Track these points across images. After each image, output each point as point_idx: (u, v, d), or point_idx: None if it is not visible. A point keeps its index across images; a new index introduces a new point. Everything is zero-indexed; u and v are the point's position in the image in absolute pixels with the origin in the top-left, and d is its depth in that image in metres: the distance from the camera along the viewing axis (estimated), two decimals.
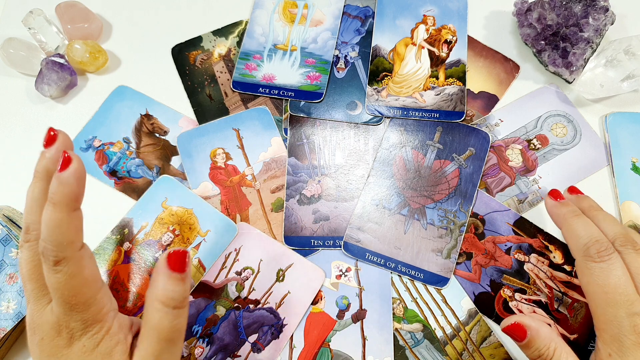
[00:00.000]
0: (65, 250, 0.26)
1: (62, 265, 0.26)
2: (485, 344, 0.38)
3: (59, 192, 0.26)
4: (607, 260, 0.29)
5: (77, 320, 0.27)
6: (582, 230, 0.31)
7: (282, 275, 0.40)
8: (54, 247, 0.26)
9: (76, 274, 0.27)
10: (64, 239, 0.26)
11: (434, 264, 0.40)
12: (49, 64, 0.44)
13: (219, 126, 0.44)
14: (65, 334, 0.28)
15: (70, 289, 0.27)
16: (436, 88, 0.45)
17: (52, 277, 0.27)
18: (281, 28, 0.48)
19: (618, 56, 0.43)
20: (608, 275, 0.29)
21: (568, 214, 0.32)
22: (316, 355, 0.38)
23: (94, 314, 0.28)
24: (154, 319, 0.27)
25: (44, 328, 0.28)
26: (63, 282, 0.26)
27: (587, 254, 0.30)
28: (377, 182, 0.43)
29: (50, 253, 0.26)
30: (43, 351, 0.28)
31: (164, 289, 0.27)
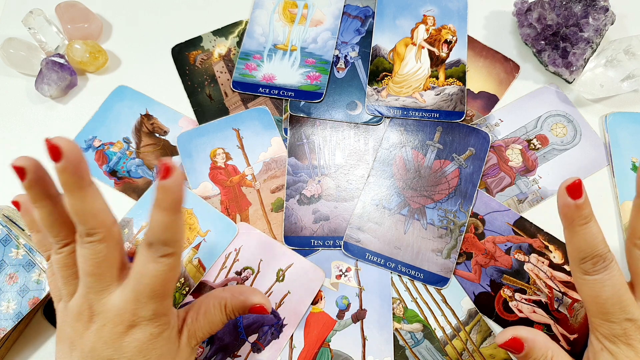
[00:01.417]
0: (174, 247, 0.28)
1: (167, 258, 0.28)
2: (485, 344, 0.38)
3: (166, 200, 0.27)
4: (601, 272, 0.29)
5: (150, 309, 0.29)
6: (584, 242, 0.30)
7: (282, 275, 0.40)
8: (163, 244, 0.28)
9: (174, 267, 0.29)
10: (173, 237, 0.28)
11: (434, 264, 0.40)
12: (49, 64, 0.44)
13: (219, 126, 0.44)
14: (127, 322, 0.28)
15: (164, 279, 0.28)
16: (436, 88, 0.45)
17: (152, 266, 0.28)
18: (281, 28, 0.48)
19: (618, 56, 0.43)
20: (602, 288, 0.29)
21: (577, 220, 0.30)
22: (316, 355, 0.38)
23: (165, 306, 0.29)
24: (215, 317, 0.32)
25: (107, 315, 0.29)
26: (161, 272, 0.28)
27: (582, 267, 0.30)
28: (377, 182, 0.43)
29: (159, 248, 0.28)
30: (101, 338, 0.28)
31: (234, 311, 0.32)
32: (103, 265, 0.29)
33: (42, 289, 0.37)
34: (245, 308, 0.32)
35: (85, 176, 0.28)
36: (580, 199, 0.29)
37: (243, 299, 0.32)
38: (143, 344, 0.29)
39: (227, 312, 0.32)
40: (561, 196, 0.30)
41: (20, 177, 0.28)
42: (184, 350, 0.31)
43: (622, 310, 0.29)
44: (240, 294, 0.32)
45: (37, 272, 0.37)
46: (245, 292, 0.33)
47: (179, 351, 0.31)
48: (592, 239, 0.30)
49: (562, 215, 0.31)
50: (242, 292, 0.33)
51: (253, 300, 0.32)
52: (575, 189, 0.29)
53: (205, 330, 0.32)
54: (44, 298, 0.37)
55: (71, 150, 0.26)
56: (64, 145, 0.26)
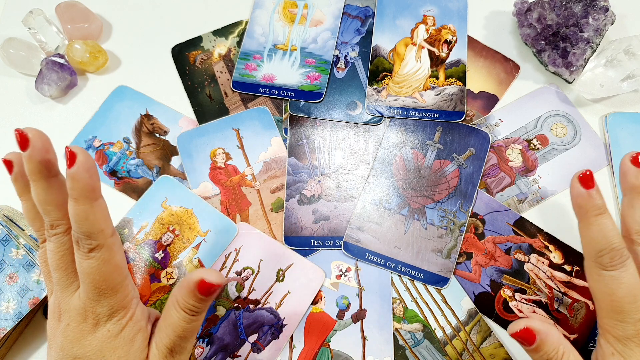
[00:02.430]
0: (98, 238, 0.27)
1: (96, 252, 0.27)
2: (485, 344, 0.38)
3: (76, 188, 0.26)
4: (618, 268, 0.28)
5: (105, 305, 0.28)
6: (599, 234, 0.29)
7: (282, 275, 0.40)
8: (86, 237, 0.27)
9: (108, 259, 0.28)
10: (94, 228, 0.27)
11: (434, 264, 0.40)
12: (49, 64, 0.44)
13: (219, 126, 0.44)
14: (91, 320, 0.28)
15: (101, 274, 0.28)
16: (436, 88, 0.45)
17: (85, 263, 0.28)
18: (281, 28, 0.48)
19: (618, 56, 0.43)
20: (618, 285, 0.28)
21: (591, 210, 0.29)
22: (316, 355, 0.38)
23: (120, 299, 0.29)
24: (172, 318, 0.28)
25: (70, 314, 0.29)
26: (95, 268, 0.27)
27: (599, 261, 0.29)
28: (377, 182, 0.43)
29: (84, 242, 0.27)
30: (67, 337, 0.29)
31: (185, 301, 0.28)
32: (67, 258, 0.29)
33: (42, 289, 0.37)
34: (191, 291, 0.28)
35: (51, 167, 0.28)
36: (592, 189, 0.29)
37: (185, 284, 0.28)
38: (102, 343, 0.28)
39: (181, 306, 0.28)
40: (574, 187, 0.29)
41: (8, 170, 0.30)
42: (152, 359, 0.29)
43: (638, 310, 0.28)
44: (184, 280, 0.29)
45: (37, 272, 0.37)
46: (186, 278, 0.29)
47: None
48: (608, 231, 0.29)
49: (576, 206, 0.30)
50: (183, 280, 0.29)
51: (193, 279, 0.28)
52: (587, 179, 0.29)
53: (169, 333, 0.29)
54: (44, 298, 0.37)
55: (38, 139, 0.27)
56: (32, 134, 0.27)
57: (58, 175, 0.29)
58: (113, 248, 0.28)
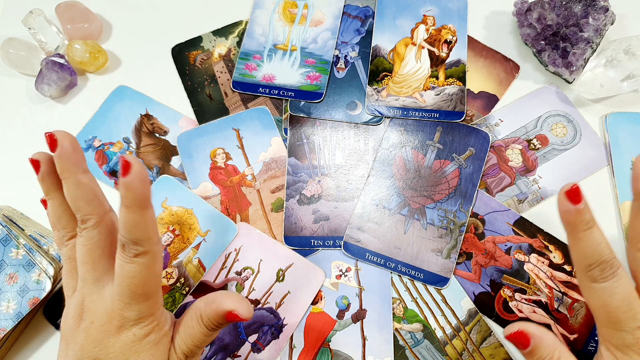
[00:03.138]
0: (145, 245, 0.28)
1: (140, 258, 0.28)
2: (485, 344, 0.38)
3: (129, 197, 0.27)
4: (610, 279, 0.28)
5: (134, 310, 0.28)
6: (589, 248, 0.29)
7: (282, 275, 0.40)
8: (134, 242, 0.27)
9: (150, 266, 0.28)
10: (143, 235, 0.27)
11: (434, 264, 0.40)
12: (49, 64, 0.44)
13: (219, 126, 0.44)
14: (116, 322, 0.28)
15: (141, 279, 0.28)
16: (436, 88, 0.45)
17: (127, 267, 0.28)
18: (281, 28, 0.48)
19: (618, 56, 0.43)
20: (611, 296, 0.28)
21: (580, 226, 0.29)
22: (316, 355, 0.38)
23: (150, 306, 0.29)
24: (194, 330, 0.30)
25: (96, 313, 0.29)
26: (137, 272, 0.28)
27: (590, 274, 0.29)
28: (377, 182, 0.43)
29: (131, 247, 0.28)
30: (89, 336, 0.29)
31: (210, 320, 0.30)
32: (95, 253, 0.29)
33: (42, 289, 0.37)
34: (220, 316, 0.29)
35: (79, 164, 0.29)
36: (580, 204, 0.28)
37: (215, 307, 0.29)
38: (126, 345, 0.28)
39: (205, 323, 0.30)
40: (561, 202, 0.29)
41: (35, 169, 0.30)
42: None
43: (634, 318, 0.28)
44: (213, 301, 0.30)
45: (37, 272, 0.37)
46: (217, 299, 0.30)
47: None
48: (597, 244, 0.29)
49: (565, 222, 0.30)
50: (214, 299, 0.30)
51: (224, 307, 0.29)
52: (575, 194, 0.29)
53: (188, 342, 0.30)
54: (44, 298, 0.37)
55: (65, 138, 0.29)
56: (60, 135, 0.29)
57: (87, 172, 0.30)
58: (157, 256, 0.29)
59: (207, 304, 0.30)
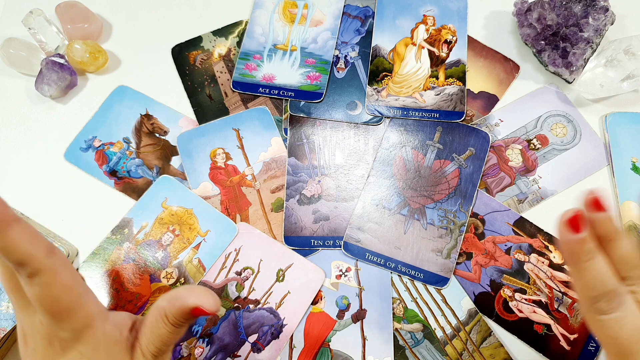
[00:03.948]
0: (31, 263, 0.25)
1: (37, 277, 0.26)
2: (485, 344, 0.38)
3: None
4: (618, 309, 0.27)
5: (66, 329, 0.27)
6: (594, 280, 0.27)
7: (282, 275, 0.40)
8: (18, 265, 0.25)
9: (52, 282, 0.26)
10: (20, 255, 0.25)
11: (434, 264, 0.40)
12: (49, 64, 0.44)
13: (219, 126, 0.44)
14: (57, 345, 0.27)
15: (50, 297, 0.26)
16: (436, 88, 0.45)
17: (30, 290, 0.26)
18: (281, 28, 0.48)
19: (618, 56, 0.43)
20: (621, 328, 0.27)
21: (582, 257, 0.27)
22: (316, 355, 0.38)
23: (82, 320, 0.27)
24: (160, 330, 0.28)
25: (35, 338, 0.28)
26: (41, 294, 0.26)
27: (596, 307, 0.27)
28: (377, 182, 0.43)
29: (20, 271, 0.26)
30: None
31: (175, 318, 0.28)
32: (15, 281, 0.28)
33: None
34: (185, 313, 0.28)
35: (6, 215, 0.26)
36: (582, 233, 0.26)
37: (179, 304, 0.28)
38: None
39: (170, 321, 0.28)
40: (562, 232, 0.27)
41: None
42: None
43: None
44: (176, 299, 0.28)
45: None
46: (180, 295, 0.28)
47: None
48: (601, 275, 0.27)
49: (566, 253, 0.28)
50: (177, 296, 0.28)
51: (188, 302, 0.28)
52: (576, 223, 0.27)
53: (156, 343, 0.28)
54: None
55: None
56: None
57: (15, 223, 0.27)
58: (54, 268, 0.26)
59: (170, 301, 0.28)
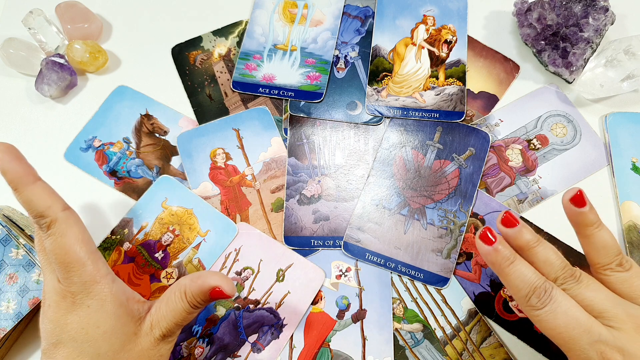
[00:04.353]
0: (49, 214, 0.29)
1: (52, 228, 0.29)
2: (485, 344, 0.38)
3: (9, 180, 0.29)
4: (549, 303, 0.29)
5: (76, 282, 0.29)
6: (518, 280, 0.29)
7: (282, 275, 0.40)
8: (39, 218, 0.29)
9: (65, 232, 0.29)
10: (41, 207, 0.29)
11: (434, 264, 0.40)
12: (49, 64, 0.44)
13: (219, 126, 0.44)
14: (68, 299, 0.29)
15: (62, 246, 0.29)
16: (436, 88, 0.45)
17: (47, 242, 0.29)
18: (281, 28, 0.48)
19: (618, 56, 0.43)
20: (555, 317, 0.28)
21: (503, 263, 0.30)
22: (316, 355, 0.38)
23: (90, 273, 0.29)
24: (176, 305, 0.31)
25: (50, 294, 0.30)
26: (56, 243, 0.29)
27: (529, 304, 0.29)
28: (377, 182, 0.43)
29: (40, 223, 0.29)
30: (47, 317, 0.30)
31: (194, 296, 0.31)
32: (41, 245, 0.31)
33: (42, 289, 0.37)
34: (204, 292, 0.31)
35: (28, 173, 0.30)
36: (495, 244, 0.30)
37: (200, 282, 0.31)
38: (83, 320, 0.29)
39: (188, 299, 0.31)
40: (479, 247, 0.31)
41: None
42: (143, 338, 0.30)
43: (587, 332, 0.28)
44: (198, 277, 0.31)
45: (37, 272, 0.37)
46: (203, 275, 0.31)
47: (135, 337, 0.30)
48: (524, 275, 0.29)
49: (490, 264, 0.31)
50: (200, 276, 0.31)
51: (210, 282, 0.30)
52: (579, 200, 0.30)
53: (169, 319, 0.31)
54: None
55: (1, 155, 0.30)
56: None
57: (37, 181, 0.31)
58: (68, 221, 0.30)
59: (192, 280, 0.31)
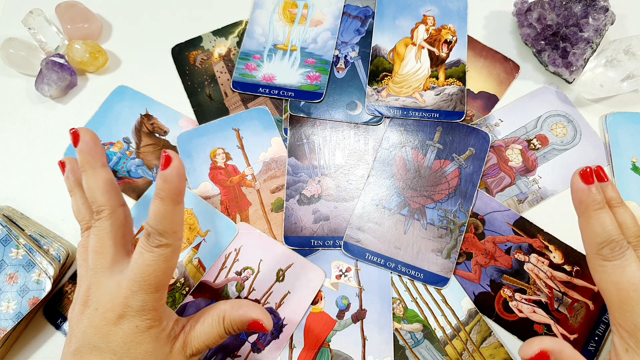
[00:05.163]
0: (169, 237, 0.29)
1: (162, 249, 0.29)
2: (485, 344, 0.38)
3: (165, 189, 0.28)
4: (620, 257, 0.29)
5: (139, 300, 0.29)
6: (599, 227, 0.30)
7: (282, 275, 0.40)
8: (159, 233, 0.29)
9: (169, 259, 0.29)
10: (170, 228, 0.29)
11: (434, 264, 0.40)
12: (49, 64, 0.44)
13: (219, 126, 0.44)
14: (118, 309, 0.29)
15: (156, 269, 0.29)
16: (436, 88, 0.45)
17: (147, 254, 0.29)
18: (281, 28, 0.48)
19: (618, 56, 0.43)
20: (622, 273, 0.29)
21: (591, 205, 0.30)
22: (316, 355, 0.38)
23: (156, 299, 0.29)
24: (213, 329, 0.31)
25: (101, 299, 0.29)
26: (154, 262, 0.29)
27: (600, 252, 0.29)
28: (377, 182, 0.43)
29: (155, 237, 0.29)
30: (92, 322, 0.29)
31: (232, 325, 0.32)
32: (106, 242, 0.30)
33: (42, 289, 0.37)
34: (243, 322, 0.31)
35: (99, 158, 0.32)
36: (593, 184, 0.30)
37: (242, 312, 0.31)
38: (128, 336, 0.29)
39: (225, 325, 0.31)
40: (575, 182, 0.31)
41: (62, 170, 0.35)
42: (176, 356, 0.30)
43: None
44: (240, 307, 0.32)
45: (37, 272, 0.37)
46: (244, 305, 0.32)
47: (169, 356, 0.30)
48: (608, 224, 0.29)
49: (576, 201, 0.31)
50: (241, 305, 0.32)
51: (251, 314, 0.31)
52: (588, 175, 0.31)
53: (202, 339, 0.31)
54: (44, 298, 0.37)
55: (86, 134, 0.32)
56: (82, 131, 0.32)
57: (105, 167, 0.32)
58: (176, 251, 0.30)
59: (232, 307, 0.31)
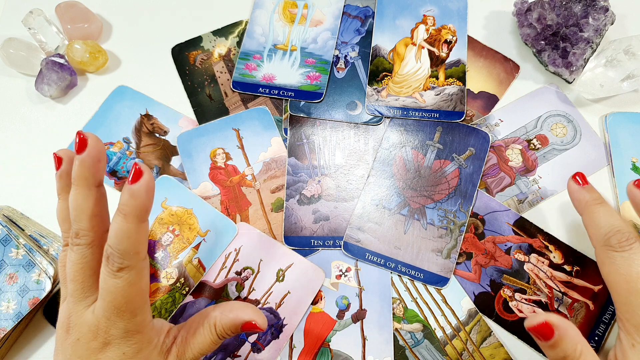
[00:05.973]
0: (132, 259, 0.26)
1: (124, 272, 0.26)
2: (485, 344, 0.38)
3: (130, 205, 0.26)
4: (628, 249, 0.28)
5: (119, 328, 0.27)
6: (603, 219, 0.30)
7: (282, 275, 0.40)
8: (120, 255, 0.26)
9: (135, 282, 0.27)
10: (132, 248, 0.26)
11: (434, 264, 0.40)
12: (49, 64, 0.44)
13: (219, 126, 0.44)
14: (101, 338, 0.28)
15: (125, 295, 0.27)
16: (436, 88, 0.45)
17: (110, 281, 0.27)
18: (281, 28, 0.48)
19: (618, 56, 0.43)
20: (631, 264, 0.28)
21: (591, 201, 0.30)
22: (316, 355, 0.38)
23: (137, 323, 0.28)
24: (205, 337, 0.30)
25: (81, 329, 0.28)
26: (120, 288, 0.27)
27: (607, 243, 0.29)
28: (377, 182, 0.43)
29: (116, 259, 0.26)
30: (75, 352, 0.28)
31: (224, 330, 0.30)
32: (85, 273, 0.28)
33: (42, 289, 0.37)
34: (236, 326, 0.30)
35: (98, 176, 0.28)
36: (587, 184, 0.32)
37: (232, 316, 0.30)
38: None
39: (218, 332, 0.30)
40: (570, 185, 0.32)
41: (57, 165, 0.30)
42: None
43: None
44: (230, 311, 0.30)
45: (37, 272, 0.37)
46: (235, 308, 0.30)
47: None
48: (610, 214, 0.30)
49: (576, 202, 0.32)
50: (232, 309, 0.30)
51: (243, 317, 0.30)
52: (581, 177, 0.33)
53: (195, 351, 0.30)
54: (44, 298, 0.37)
55: (94, 147, 0.27)
56: (91, 140, 0.27)
57: (100, 187, 0.29)
58: (142, 272, 0.28)
59: (223, 312, 0.30)
